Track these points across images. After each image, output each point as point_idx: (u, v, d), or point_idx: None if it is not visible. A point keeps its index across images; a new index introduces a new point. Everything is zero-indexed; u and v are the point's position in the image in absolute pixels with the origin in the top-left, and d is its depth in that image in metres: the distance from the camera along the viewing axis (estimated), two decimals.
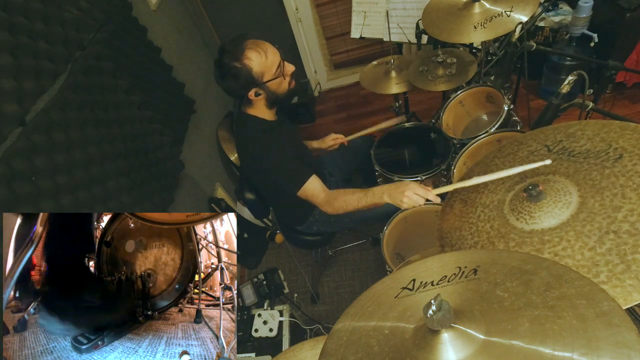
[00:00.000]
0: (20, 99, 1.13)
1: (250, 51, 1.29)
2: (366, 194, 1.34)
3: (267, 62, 1.32)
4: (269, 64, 1.32)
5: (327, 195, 1.41)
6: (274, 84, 1.36)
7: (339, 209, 1.39)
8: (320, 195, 1.41)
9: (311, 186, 1.41)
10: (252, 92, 1.35)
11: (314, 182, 1.41)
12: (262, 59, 1.30)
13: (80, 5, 1.46)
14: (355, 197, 1.36)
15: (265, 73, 1.33)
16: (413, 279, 0.69)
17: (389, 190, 1.27)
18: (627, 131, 0.83)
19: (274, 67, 1.34)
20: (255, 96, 1.37)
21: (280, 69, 1.35)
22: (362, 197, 1.34)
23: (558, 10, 2.33)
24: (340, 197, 1.38)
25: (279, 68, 1.35)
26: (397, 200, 1.24)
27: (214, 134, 2.59)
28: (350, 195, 1.37)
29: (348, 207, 1.37)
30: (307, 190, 1.41)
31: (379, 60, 2.13)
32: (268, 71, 1.33)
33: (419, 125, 1.93)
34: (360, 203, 1.34)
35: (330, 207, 1.40)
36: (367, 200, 1.33)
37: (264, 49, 1.31)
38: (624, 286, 0.63)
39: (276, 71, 1.34)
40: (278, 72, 1.35)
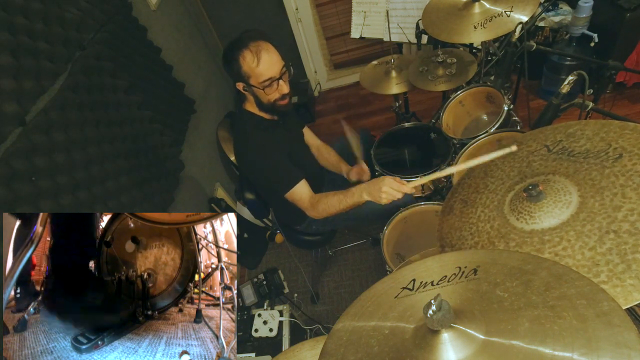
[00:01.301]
0: (20, 99, 1.13)
1: (247, 51, 1.31)
2: (346, 194, 1.36)
3: (255, 69, 1.32)
4: (257, 72, 1.32)
5: (311, 199, 1.44)
6: (258, 91, 1.38)
7: (323, 212, 1.41)
8: (305, 199, 1.44)
9: (299, 190, 1.43)
10: (240, 85, 1.39)
11: (301, 187, 1.44)
12: (252, 63, 1.31)
13: (80, 5, 1.46)
14: (336, 199, 1.38)
15: (251, 77, 1.34)
16: (413, 279, 0.69)
17: (368, 189, 1.29)
18: (626, 131, 0.84)
19: (262, 78, 1.33)
20: (244, 90, 1.40)
21: (270, 84, 1.34)
22: (342, 199, 1.37)
23: (558, 10, 2.33)
24: (322, 200, 1.41)
25: (269, 82, 1.34)
26: (376, 197, 1.26)
27: (214, 134, 2.59)
28: (331, 198, 1.39)
29: (330, 209, 1.39)
30: (294, 194, 1.44)
31: (379, 60, 2.13)
32: (254, 77, 1.34)
33: (419, 125, 1.93)
34: (342, 204, 1.37)
35: (315, 211, 1.43)
36: (348, 201, 1.35)
37: (260, 57, 1.30)
38: (625, 286, 0.63)
39: (263, 82, 1.34)
40: (264, 85, 1.34)
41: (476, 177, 1.03)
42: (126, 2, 1.79)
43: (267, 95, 1.38)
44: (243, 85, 1.38)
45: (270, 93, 1.37)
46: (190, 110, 2.26)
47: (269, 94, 1.37)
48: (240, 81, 1.37)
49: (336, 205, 1.38)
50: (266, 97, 1.39)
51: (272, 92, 1.37)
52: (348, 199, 1.35)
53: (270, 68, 1.33)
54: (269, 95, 1.38)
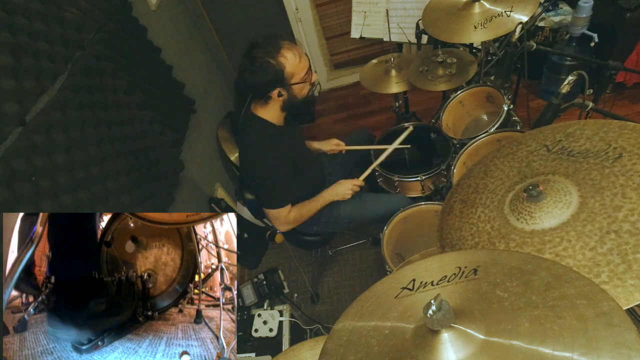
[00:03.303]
0: (20, 99, 1.13)
1: (287, 51, 1.32)
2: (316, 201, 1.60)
3: (299, 65, 1.35)
4: (300, 67, 1.36)
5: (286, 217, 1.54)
6: (298, 87, 1.39)
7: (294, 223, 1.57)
8: (281, 218, 1.54)
9: (280, 213, 1.53)
10: (275, 92, 1.36)
11: (284, 211, 1.53)
12: (296, 60, 1.34)
13: (80, 5, 1.46)
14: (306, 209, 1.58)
15: (295, 75, 1.36)
16: (413, 279, 0.69)
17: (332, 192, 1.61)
18: (626, 130, 0.83)
19: (304, 72, 1.38)
20: (278, 96, 1.38)
21: (308, 75, 1.40)
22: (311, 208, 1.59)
23: (558, 10, 2.33)
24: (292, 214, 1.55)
25: (307, 74, 1.39)
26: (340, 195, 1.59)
27: (214, 134, 2.59)
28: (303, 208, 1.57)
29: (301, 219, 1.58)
30: (272, 213, 1.54)
31: (379, 59, 2.13)
32: (298, 74, 1.36)
33: (419, 125, 1.93)
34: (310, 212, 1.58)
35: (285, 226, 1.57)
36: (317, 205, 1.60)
37: (300, 52, 1.36)
38: (626, 286, 0.63)
39: (304, 76, 1.38)
40: (305, 77, 1.39)
41: (476, 177, 1.03)
42: (126, 2, 1.79)
43: (304, 89, 1.41)
44: (279, 90, 1.35)
45: (309, 84, 1.42)
46: (190, 110, 2.26)
47: (309, 84, 1.42)
48: (279, 86, 1.34)
49: (305, 215, 1.58)
50: (304, 90, 1.42)
51: (310, 82, 1.42)
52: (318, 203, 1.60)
53: (305, 60, 1.39)
54: (305, 88, 1.42)
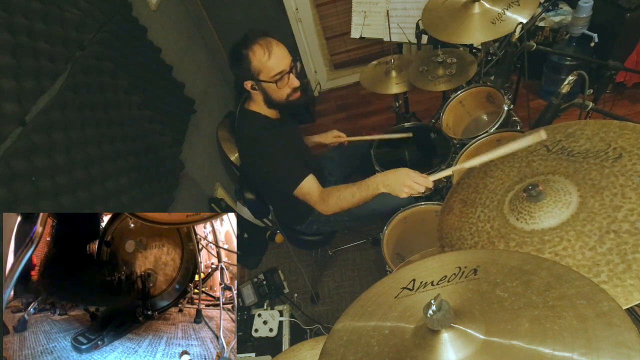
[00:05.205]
0: (20, 99, 1.13)
1: (257, 45, 1.31)
2: (359, 187, 1.31)
3: (267, 63, 1.32)
4: (268, 66, 1.32)
5: (321, 193, 1.40)
6: (269, 87, 1.37)
7: (334, 206, 1.36)
8: (314, 194, 1.40)
9: (307, 185, 1.40)
10: (248, 84, 1.37)
11: (310, 181, 1.40)
12: (263, 57, 1.31)
13: (80, 5, 1.46)
14: (349, 192, 1.32)
15: (262, 72, 1.34)
16: (413, 279, 0.69)
17: (385, 180, 1.26)
18: (626, 131, 0.83)
19: (273, 72, 1.33)
20: (252, 89, 1.39)
21: (280, 78, 1.35)
22: (355, 191, 1.31)
23: (558, 10, 2.33)
24: (333, 194, 1.36)
25: (280, 76, 1.34)
26: (396, 190, 1.23)
27: (214, 134, 2.59)
28: (343, 191, 1.34)
29: (342, 203, 1.34)
30: (302, 189, 1.40)
31: (379, 60, 2.13)
32: (265, 72, 1.33)
33: (419, 125, 1.93)
34: (355, 197, 1.32)
35: (325, 205, 1.38)
36: (362, 194, 1.31)
37: (271, 50, 1.32)
38: (625, 286, 0.63)
39: (274, 76, 1.34)
40: (275, 78, 1.34)
41: (475, 177, 1.03)
42: (126, 2, 1.79)
43: (279, 91, 1.38)
44: (252, 83, 1.37)
45: (282, 87, 1.37)
46: (190, 110, 2.26)
47: (281, 88, 1.37)
48: (249, 79, 1.36)
49: (349, 199, 1.32)
50: (278, 93, 1.39)
51: (283, 86, 1.37)
52: (362, 191, 1.30)
53: (281, 61, 1.34)
54: (281, 90, 1.38)
